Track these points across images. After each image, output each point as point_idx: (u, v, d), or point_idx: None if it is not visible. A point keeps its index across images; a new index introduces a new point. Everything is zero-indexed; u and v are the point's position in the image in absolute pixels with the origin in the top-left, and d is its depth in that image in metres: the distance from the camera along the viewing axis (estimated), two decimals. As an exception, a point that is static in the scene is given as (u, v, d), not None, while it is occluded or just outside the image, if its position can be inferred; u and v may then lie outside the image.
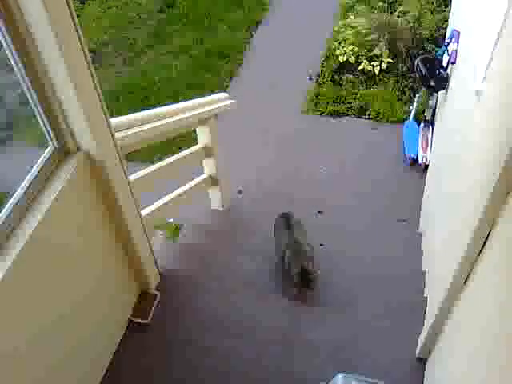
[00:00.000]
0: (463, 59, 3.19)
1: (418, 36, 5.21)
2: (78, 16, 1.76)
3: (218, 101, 3.20)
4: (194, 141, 3.34)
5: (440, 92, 3.92)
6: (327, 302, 2.82)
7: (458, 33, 3.57)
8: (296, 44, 5.41)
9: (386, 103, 4.67)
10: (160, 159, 3.11)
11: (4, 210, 1.73)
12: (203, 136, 3.20)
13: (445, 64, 3.75)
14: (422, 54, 4.88)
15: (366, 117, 4.64)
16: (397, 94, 4.76)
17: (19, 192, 1.79)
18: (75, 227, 2.06)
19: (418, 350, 2.48)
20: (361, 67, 4.91)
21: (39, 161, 1.88)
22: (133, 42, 5.66)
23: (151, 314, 2.66)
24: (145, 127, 2.49)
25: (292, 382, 2.45)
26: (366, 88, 4.84)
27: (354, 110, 4.69)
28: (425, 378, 2.40)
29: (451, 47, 3.60)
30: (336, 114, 4.70)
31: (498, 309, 1.40)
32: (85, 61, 1.83)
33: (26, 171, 1.84)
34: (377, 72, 4.86)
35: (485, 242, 1.67)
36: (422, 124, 4.30)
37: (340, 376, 1.99)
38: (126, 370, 2.47)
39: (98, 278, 2.32)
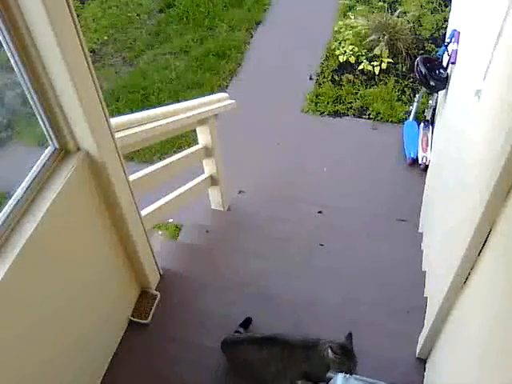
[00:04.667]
0: (463, 59, 3.19)
1: (418, 36, 5.21)
2: (77, 16, 1.76)
3: (217, 101, 3.20)
4: (194, 141, 3.34)
5: (440, 92, 3.93)
6: (327, 302, 2.82)
7: (458, 33, 3.57)
8: (296, 44, 5.41)
9: (386, 103, 4.67)
10: (160, 159, 3.11)
11: (4, 210, 1.73)
12: (203, 136, 3.20)
13: (445, 64, 3.75)
14: (422, 54, 4.89)
15: (366, 117, 4.64)
16: (397, 94, 4.76)
17: (19, 192, 1.79)
18: (75, 227, 2.06)
19: (417, 350, 2.48)
20: (361, 67, 4.91)
21: (39, 161, 1.88)
22: (133, 42, 5.66)
23: (151, 314, 2.66)
24: (145, 127, 2.48)
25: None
26: (366, 88, 4.84)
27: (354, 110, 4.70)
28: (425, 378, 2.40)
29: (451, 47, 3.60)
30: (336, 113, 4.70)
31: (498, 308, 1.40)
32: (85, 61, 1.83)
33: (26, 171, 1.84)
34: (377, 72, 4.86)
35: (485, 242, 1.67)
36: (421, 124, 4.30)
37: (340, 376, 1.98)
38: (126, 369, 2.47)
39: (97, 277, 2.32)
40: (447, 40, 3.81)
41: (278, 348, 2.29)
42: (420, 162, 4.10)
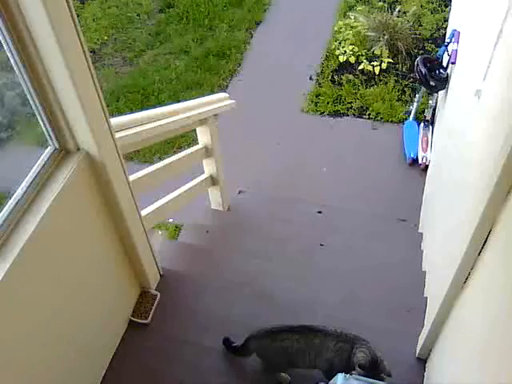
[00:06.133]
0: (463, 59, 3.19)
1: (418, 36, 5.21)
2: (77, 16, 1.76)
3: (217, 101, 3.21)
4: (194, 141, 3.34)
5: (440, 92, 3.93)
6: (327, 302, 2.82)
7: (458, 33, 3.57)
8: (296, 44, 5.41)
9: (386, 103, 4.67)
10: (160, 159, 3.11)
11: (4, 210, 1.73)
12: (203, 136, 3.20)
13: (445, 64, 3.75)
14: (422, 54, 4.89)
15: (366, 117, 4.64)
16: (397, 94, 4.76)
17: (19, 192, 1.79)
18: (75, 227, 2.06)
19: (417, 350, 2.48)
20: (361, 67, 4.91)
21: (39, 161, 1.88)
22: (133, 42, 5.66)
23: (151, 314, 2.66)
24: (145, 127, 2.48)
25: (291, 381, 2.45)
26: (366, 88, 4.84)
27: (354, 110, 4.70)
28: (425, 378, 2.40)
29: (451, 47, 3.60)
30: (336, 113, 4.70)
31: (498, 308, 1.40)
32: (85, 61, 1.83)
33: (26, 171, 1.84)
34: (377, 72, 4.86)
35: (485, 242, 1.67)
36: (421, 124, 4.30)
37: (340, 376, 1.98)
38: (125, 369, 2.47)
39: (97, 277, 2.32)
40: (447, 40, 3.82)
41: (312, 336, 2.31)
42: (420, 162, 4.10)
